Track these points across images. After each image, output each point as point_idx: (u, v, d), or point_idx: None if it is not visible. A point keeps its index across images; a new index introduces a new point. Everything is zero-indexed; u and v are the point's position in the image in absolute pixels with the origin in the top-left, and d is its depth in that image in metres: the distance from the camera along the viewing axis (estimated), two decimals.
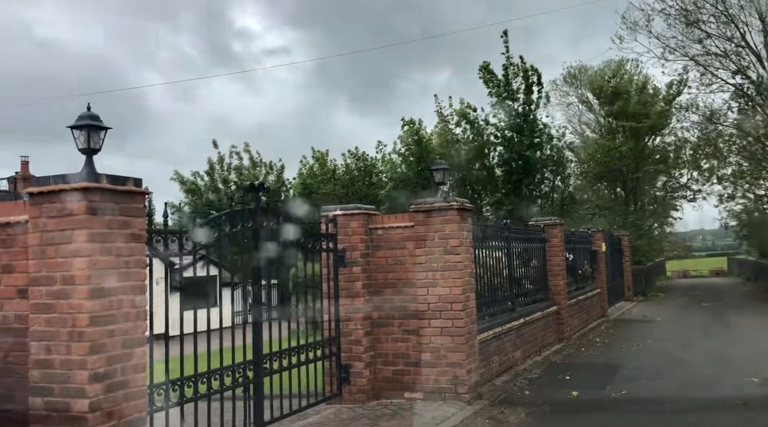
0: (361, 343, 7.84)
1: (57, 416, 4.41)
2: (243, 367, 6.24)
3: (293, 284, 7.45)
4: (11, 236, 4.81)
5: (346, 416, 7.12)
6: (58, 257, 4.50)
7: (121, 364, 4.60)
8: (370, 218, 8.20)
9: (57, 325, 4.47)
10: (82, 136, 4.74)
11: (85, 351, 4.37)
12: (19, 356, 4.62)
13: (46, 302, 4.53)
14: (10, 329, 4.72)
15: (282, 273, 7.22)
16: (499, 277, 10.39)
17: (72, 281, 4.44)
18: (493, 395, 8.03)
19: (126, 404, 4.62)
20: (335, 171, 30.90)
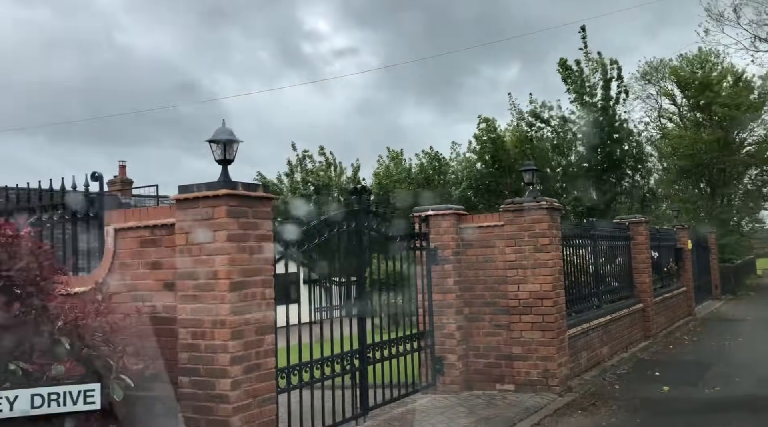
0: (453, 336, 8.27)
1: (203, 393, 5.08)
2: (350, 356, 6.79)
3: (388, 281, 7.95)
4: (159, 236, 5.53)
5: (442, 405, 7.56)
6: (202, 255, 5.17)
7: (254, 349, 5.23)
8: (460, 217, 8.60)
9: (202, 314, 5.13)
10: (218, 149, 5.39)
11: (227, 337, 5.02)
12: (167, 341, 5.31)
13: (192, 294, 5.21)
14: (158, 317, 5.43)
15: (380, 270, 7.72)
16: (585, 274, 10.56)
17: (215, 276, 5.10)
18: (583, 388, 8.27)
19: (259, 384, 5.24)
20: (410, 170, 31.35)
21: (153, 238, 5.56)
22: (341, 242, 7.10)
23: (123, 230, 5.70)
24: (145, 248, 5.59)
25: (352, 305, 7.19)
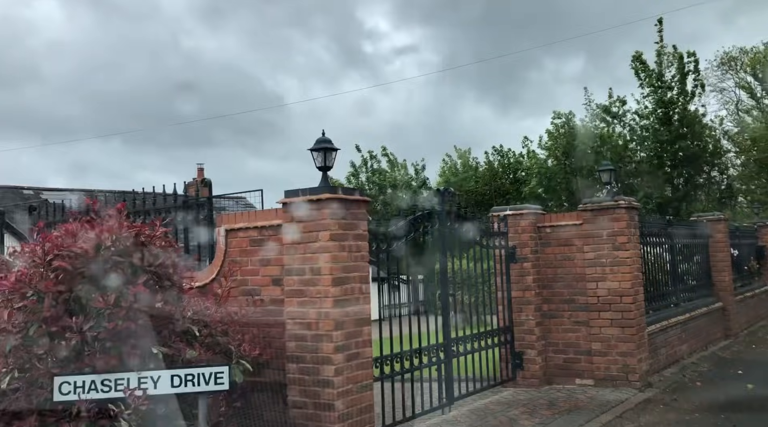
0: (533, 332, 8.53)
1: (309, 378, 5.58)
2: (436, 349, 7.18)
3: (469, 279, 8.29)
4: (266, 236, 6.08)
5: (523, 397, 7.85)
6: (307, 253, 5.68)
7: (354, 339, 5.70)
8: (538, 216, 8.85)
9: (308, 306, 5.64)
10: (319, 156, 5.90)
11: (331, 327, 5.51)
12: (275, 331, 5.85)
13: (298, 288, 5.73)
14: (267, 309, 5.98)
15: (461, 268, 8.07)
16: (663, 272, 10.58)
17: (319, 272, 5.60)
18: (663, 384, 8.38)
19: (359, 371, 5.71)
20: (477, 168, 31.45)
21: (261, 238, 6.12)
22: (425, 240, 7.49)
23: (233, 230, 6.29)
24: (254, 246, 6.15)
25: (436, 301, 7.58)
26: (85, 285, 4.56)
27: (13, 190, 23.79)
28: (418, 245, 7.52)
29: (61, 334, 4.45)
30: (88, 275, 4.58)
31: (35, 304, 4.51)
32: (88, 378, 4.44)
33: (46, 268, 4.57)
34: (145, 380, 4.52)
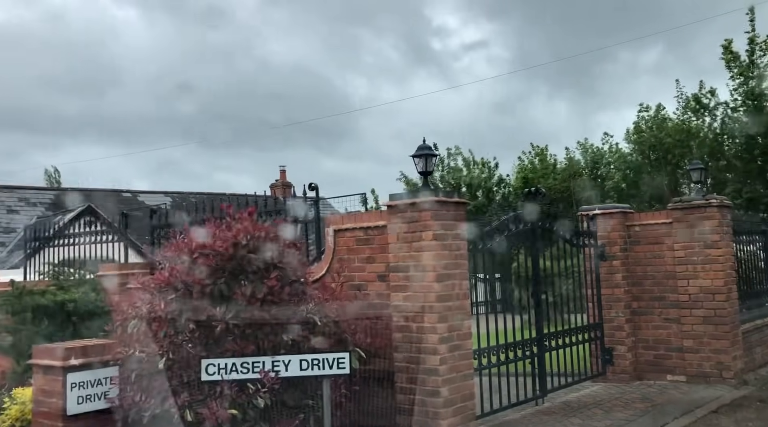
0: (623, 329, 8.70)
1: (415, 367, 6.06)
2: (530, 343, 7.51)
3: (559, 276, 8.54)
4: (372, 236, 6.61)
5: (615, 392, 8.05)
6: (411, 252, 6.16)
7: (456, 331, 6.14)
8: (627, 215, 9.00)
9: (412, 300, 6.13)
10: (420, 162, 6.37)
11: (435, 320, 5.97)
12: (381, 322, 6.36)
13: (402, 284, 6.22)
14: (373, 303, 6.50)
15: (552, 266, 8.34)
16: (756, 271, 10.43)
17: (423, 269, 6.07)
18: (759, 382, 8.36)
19: (461, 361, 6.15)
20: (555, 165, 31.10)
21: (367, 237, 6.65)
22: (517, 240, 7.82)
23: (341, 230, 6.85)
24: (360, 245, 6.70)
25: (529, 298, 7.90)
26: (225, 279, 5.21)
27: (112, 194, 25.53)
28: (512, 243, 7.85)
29: (207, 322, 5.11)
30: (228, 270, 5.24)
31: (185, 296, 5.20)
32: (230, 361, 5.09)
33: (192, 264, 5.26)
34: (278, 363, 5.14)
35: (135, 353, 5.32)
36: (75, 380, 5.51)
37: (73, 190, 24.25)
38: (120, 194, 25.49)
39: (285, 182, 31.71)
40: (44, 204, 22.96)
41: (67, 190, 24.12)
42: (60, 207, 22.41)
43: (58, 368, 5.48)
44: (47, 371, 5.63)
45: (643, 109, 24.20)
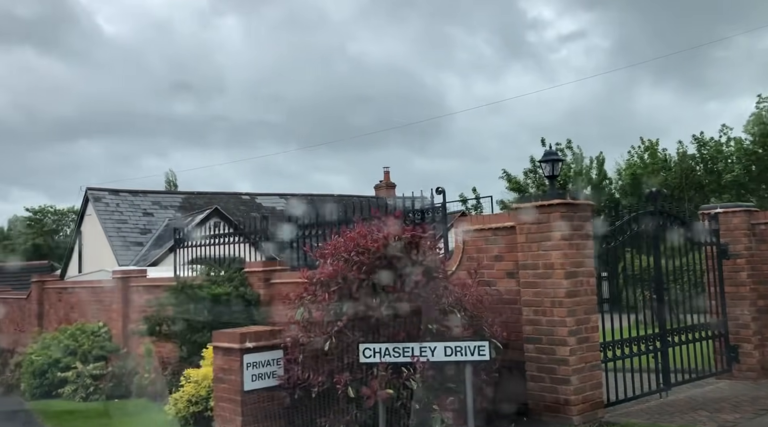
0: (748, 327, 8.70)
1: (545, 357, 6.55)
2: (653, 338, 7.77)
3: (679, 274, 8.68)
4: (499, 236, 7.15)
5: (741, 389, 8.11)
6: (539, 251, 6.65)
7: (584, 325, 6.57)
8: (751, 214, 8.97)
9: (541, 296, 6.61)
10: (547, 167, 6.86)
11: (564, 314, 6.43)
12: (511, 316, 6.88)
13: (532, 281, 6.72)
14: (501, 299, 7.04)
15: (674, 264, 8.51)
16: None
17: (551, 267, 6.54)
18: None
19: (588, 353, 6.58)
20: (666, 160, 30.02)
21: (495, 237, 7.20)
22: (639, 239, 8.08)
23: (469, 231, 7.44)
24: (489, 245, 7.25)
25: (651, 295, 8.14)
26: (378, 274, 5.95)
27: (233, 196, 27.40)
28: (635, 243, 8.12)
29: (365, 311, 5.87)
30: (380, 266, 5.97)
31: (344, 288, 5.98)
32: (384, 346, 5.82)
33: (349, 261, 6.03)
34: (425, 349, 5.81)
35: (301, 338, 6.17)
36: (250, 360, 6.45)
37: (198, 194, 26.31)
38: (240, 197, 27.35)
39: (389, 183, 32.71)
40: (174, 207, 25.08)
41: (193, 193, 26.17)
42: (188, 209, 24.47)
43: (236, 349, 6.44)
44: (226, 353, 6.62)
45: (762, 99, 23.06)
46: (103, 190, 24.11)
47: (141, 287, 12.91)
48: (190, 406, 7.73)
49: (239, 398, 6.40)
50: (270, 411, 6.53)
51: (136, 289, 13.03)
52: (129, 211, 23.63)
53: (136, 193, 25.88)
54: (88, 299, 14.65)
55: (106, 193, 23.85)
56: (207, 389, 7.67)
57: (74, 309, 15.19)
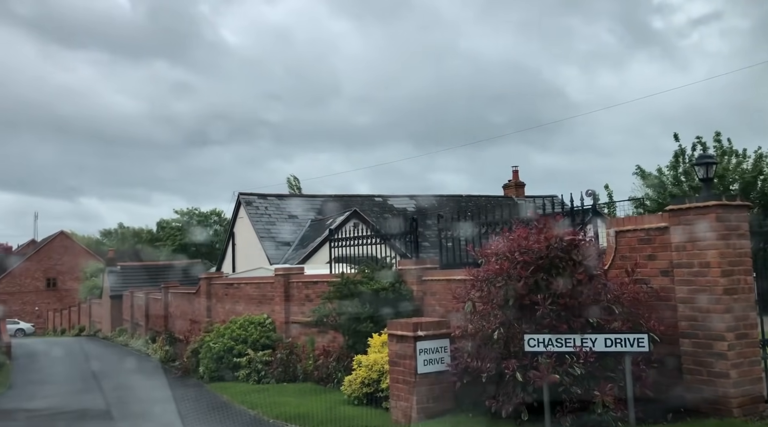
0: None
1: (702, 352, 6.84)
2: None
3: None
4: (653, 236, 7.49)
5: None
6: (695, 250, 6.95)
7: (742, 322, 6.79)
8: None
9: (697, 293, 6.91)
10: (701, 169, 7.13)
11: (722, 311, 6.70)
12: (666, 313, 7.20)
13: (687, 278, 7.03)
14: (656, 296, 7.37)
15: None
16: None
17: (707, 265, 6.82)
18: None
19: (747, 349, 6.79)
20: None
21: (648, 237, 7.55)
22: None
23: (622, 231, 7.83)
24: (642, 245, 7.61)
25: None
26: (541, 272, 6.58)
27: (368, 199, 28.81)
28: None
29: (530, 306, 6.53)
30: (543, 265, 6.59)
31: (508, 284, 6.67)
32: (547, 336, 6.44)
33: (512, 260, 6.71)
34: (586, 340, 6.37)
35: (469, 328, 6.94)
36: (422, 347, 7.32)
37: (335, 197, 27.98)
38: (373, 199, 28.72)
39: (518, 182, 32.83)
40: (314, 209, 26.89)
41: (331, 197, 27.86)
42: (326, 212, 26.16)
43: (410, 337, 7.34)
44: (400, 340, 7.54)
45: None
46: (253, 195, 26.35)
47: (300, 282, 14.30)
48: (363, 387, 8.76)
49: (413, 379, 7.28)
50: (440, 393, 7.37)
51: (296, 284, 14.44)
52: (276, 213, 25.69)
53: (281, 197, 28.06)
54: (252, 293, 16.36)
55: (255, 198, 26.06)
56: (377, 372, 8.66)
57: (239, 302, 16.98)
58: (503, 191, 33.43)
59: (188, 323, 19.60)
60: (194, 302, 19.96)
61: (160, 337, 22.06)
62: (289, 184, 49.05)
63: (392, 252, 12.49)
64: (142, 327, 26.27)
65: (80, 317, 42.28)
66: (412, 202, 29.15)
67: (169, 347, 20.14)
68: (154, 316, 24.85)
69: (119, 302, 31.75)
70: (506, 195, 32.40)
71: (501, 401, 6.56)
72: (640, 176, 35.32)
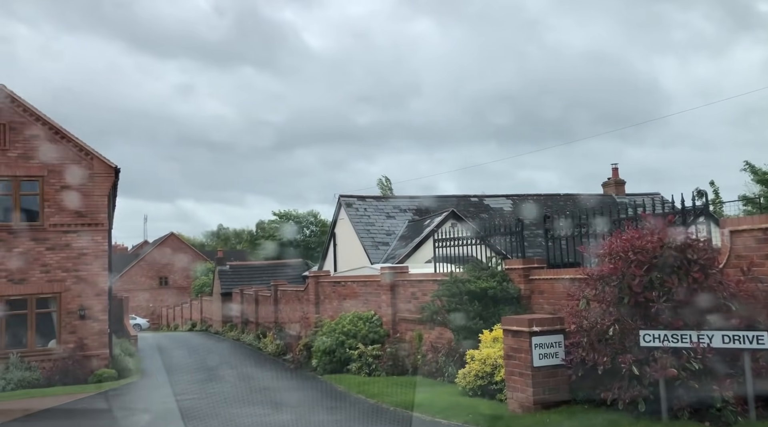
0: None
1: None
2: None
3: None
4: None
5: None
6: None
7: None
8: None
9: None
10: None
11: None
12: None
13: None
14: None
15: None
16: None
17: None
18: None
19: None
20: None
21: (765, 237, 7.59)
22: None
23: (737, 231, 7.88)
24: (759, 244, 7.65)
25: None
26: (655, 271, 6.84)
27: (463, 199, 29.15)
28: None
29: (644, 303, 6.81)
30: (657, 264, 6.85)
31: (622, 282, 6.98)
32: (662, 332, 6.71)
33: (626, 259, 7.00)
34: (703, 336, 6.57)
35: (585, 324, 7.29)
36: (537, 341, 7.74)
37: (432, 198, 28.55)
38: (469, 199, 29.04)
39: (617, 180, 32.08)
40: (411, 210, 27.57)
41: (427, 197, 28.45)
42: (423, 212, 26.79)
43: (525, 332, 7.78)
44: (515, 335, 7.99)
45: None
46: (353, 197, 27.39)
47: (405, 281, 14.98)
48: (477, 380, 9.26)
49: (529, 372, 7.72)
50: (554, 385, 7.76)
51: (401, 282, 15.14)
52: (375, 214, 26.60)
53: (379, 198, 29.00)
54: (358, 290, 17.23)
55: (355, 200, 27.08)
56: (490, 366, 9.14)
57: (346, 299, 17.92)
58: (602, 189, 32.76)
59: (297, 318, 20.81)
60: (303, 298, 21.14)
61: (270, 332, 23.49)
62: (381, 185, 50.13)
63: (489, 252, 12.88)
64: (252, 323, 27.94)
65: (192, 313, 45.23)
66: (509, 202, 29.23)
67: (279, 341, 21.44)
68: (264, 312, 26.41)
69: (229, 299, 33.83)
70: (605, 193, 31.75)
71: (617, 393, 6.87)
72: (749, 172, 33.62)
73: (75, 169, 18.21)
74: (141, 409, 11.90)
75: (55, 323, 17.77)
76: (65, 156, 18.22)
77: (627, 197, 30.59)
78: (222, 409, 10.88)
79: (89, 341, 17.74)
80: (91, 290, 18.02)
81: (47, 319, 17.84)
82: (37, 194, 17.92)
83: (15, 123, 17.84)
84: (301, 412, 10.19)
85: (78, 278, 17.95)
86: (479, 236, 13.00)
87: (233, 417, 9.90)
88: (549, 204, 29.17)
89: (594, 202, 30.11)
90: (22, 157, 17.78)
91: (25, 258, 17.50)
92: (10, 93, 17.76)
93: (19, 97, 17.92)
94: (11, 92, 17.81)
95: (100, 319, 18.02)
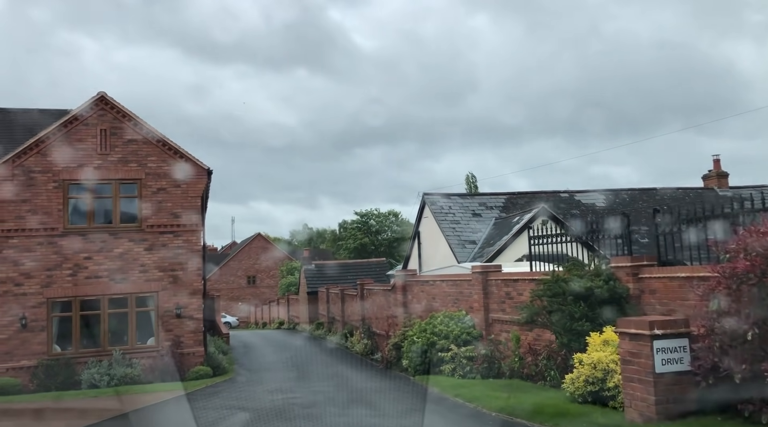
0: None
1: None
2: None
3: None
4: None
5: None
6: None
7: None
8: None
9: None
10: None
11: None
12: None
13: None
14: None
15: None
16: None
17: None
18: None
19: None
20: None
21: None
22: None
23: None
24: None
25: None
26: None
27: (552, 195, 28.08)
28: None
29: None
30: None
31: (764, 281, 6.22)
32: None
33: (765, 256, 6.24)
34: None
35: (716, 326, 6.57)
36: (659, 346, 7.07)
37: (519, 195, 27.69)
38: (559, 195, 27.96)
39: (720, 172, 29.98)
40: (498, 207, 26.83)
41: (515, 194, 27.60)
42: (510, 209, 25.99)
43: (645, 335, 7.12)
44: (633, 338, 7.34)
45: None
46: (436, 195, 26.95)
47: (499, 280, 14.40)
48: (587, 385, 8.64)
49: (651, 379, 7.06)
50: (679, 393, 7.06)
51: (494, 282, 14.58)
52: (460, 212, 26.05)
53: (464, 196, 28.43)
54: (448, 290, 16.79)
55: (439, 198, 26.64)
56: (602, 371, 8.50)
57: (435, 299, 17.52)
58: (703, 182, 30.76)
59: (384, 318, 20.61)
60: (390, 298, 20.92)
61: (357, 331, 23.44)
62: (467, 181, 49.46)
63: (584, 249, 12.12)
64: (339, 322, 28.06)
65: (279, 312, 46.21)
66: (601, 198, 27.94)
67: (367, 340, 21.31)
68: (350, 311, 26.45)
69: (315, 298, 34.21)
70: (707, 186, 29.77)
71: (759, 404, 6.13)
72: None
73: (170, 172, 18.79)
74: (238, 407, 11.99)
75: (153, 321, 18.39)
76: (161, 159, 18.83)
77: (730, 190, 28.54)
78: (323, 408, 10.76)
79: (185, 339, 18.25)
80: (186, 289, 18.52)
81: (146, 317, 18.48)
82: (135, 197, 18.60)
83: (115, 128, 18.61)
84: (401, 414, 9.89)
85: (174, 277, 18.50)
86: (582, 232, 12.27)
87: (341, 418, 9.72)
88: (645, 198, 27.62)
89: (694, 196, 28.29)
90: (121, 160, 18.51)
91: (124, 258, 18.21)
92: (110, 100, 18.52)
93: (118, 103, 18.66)
94: (111, 99, 18.57)
95: (195, 317, 18.50)
